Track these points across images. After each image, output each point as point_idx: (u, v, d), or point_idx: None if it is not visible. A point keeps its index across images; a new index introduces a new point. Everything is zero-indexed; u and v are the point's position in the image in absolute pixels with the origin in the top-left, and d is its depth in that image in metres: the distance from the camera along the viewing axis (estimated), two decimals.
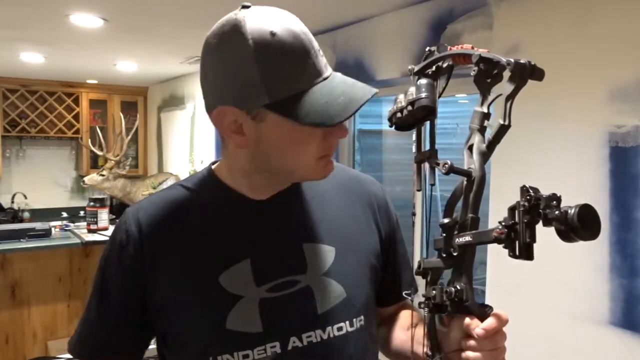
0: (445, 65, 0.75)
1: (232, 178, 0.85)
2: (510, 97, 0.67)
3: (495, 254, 1.82)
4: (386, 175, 3.31)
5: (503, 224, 0.61)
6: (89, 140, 5.00)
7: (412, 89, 0.72)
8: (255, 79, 0.70)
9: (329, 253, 0.84)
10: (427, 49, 0.77)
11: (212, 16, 0.83)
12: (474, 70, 0.69)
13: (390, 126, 0.76)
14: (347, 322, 0.83)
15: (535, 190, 0.60)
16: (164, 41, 3.31)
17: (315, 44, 0.75)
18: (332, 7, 2.45)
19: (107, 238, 3.00)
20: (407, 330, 0.92)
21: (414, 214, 0.83)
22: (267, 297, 0.80)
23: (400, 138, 3.29)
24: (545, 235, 0.63)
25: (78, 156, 5.61)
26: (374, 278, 0.90)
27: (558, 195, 0.59)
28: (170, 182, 4.28)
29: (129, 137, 4.36)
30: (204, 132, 4.40)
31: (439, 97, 0.73)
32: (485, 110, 0.70)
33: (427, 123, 0.74)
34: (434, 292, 0.71)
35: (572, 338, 1.67)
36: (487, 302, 1.90)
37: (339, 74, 0.77)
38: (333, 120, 0.71)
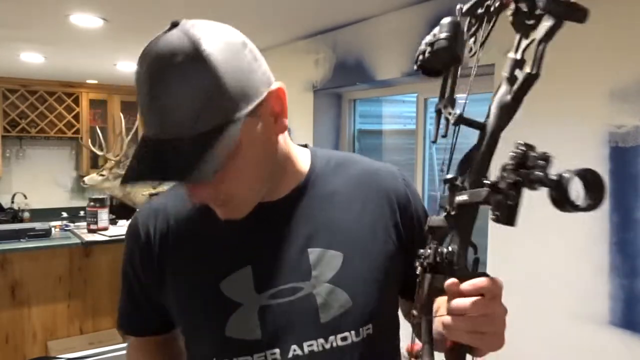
0: (497, 3, 0.62)
1: None
2: (543, 40, 0.57)
3: (496, 253, 1.81)
4: None
5: (488, 182, 0.54)
6: (89, 140, 5.00)
7: (437, 29, 0.63)
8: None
9: (336, 259, 0.79)
10: None
11: (212, 16, 0.83)
12: (510, 9, 0.59)
13: (417, 70, 0.67)
14: (353, 332, 0.78)
15: (530, 146, 0.52)
16: None
17: None
18: (332, 7, 2.45)
19: (107, 238, 3.01)
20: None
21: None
22: (268, 304, 0.77)
23: (400, 138, 3.28)
24: (545, 236, 0.63)
25: (78, 156, 5.61)
26: (389, 282, 0.83)
27: (548, 154, 0.51)
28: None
29: (129, 137, 4.35)
30: None
31: (483, 42, 0.63)
32: (519, 57, 0.60)
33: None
34: (429, 250, 0.64)
35: (572, 338, 1.67)
36: None
37: None
38: None
